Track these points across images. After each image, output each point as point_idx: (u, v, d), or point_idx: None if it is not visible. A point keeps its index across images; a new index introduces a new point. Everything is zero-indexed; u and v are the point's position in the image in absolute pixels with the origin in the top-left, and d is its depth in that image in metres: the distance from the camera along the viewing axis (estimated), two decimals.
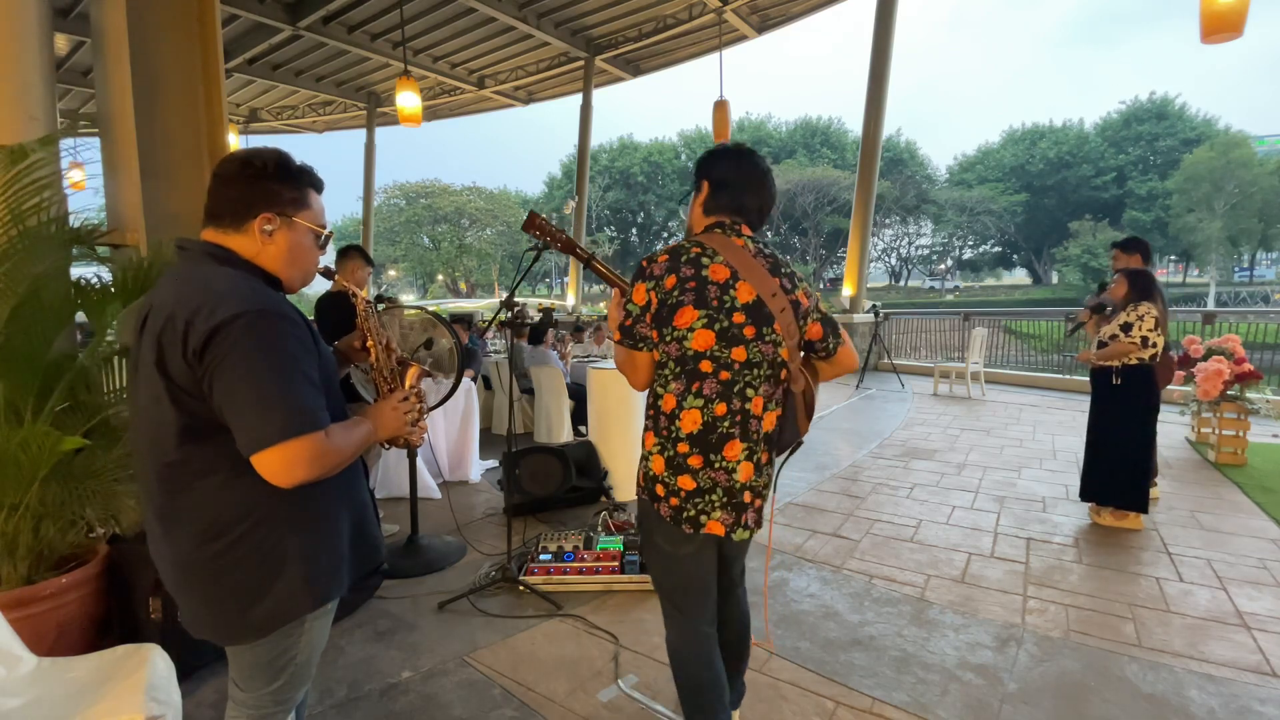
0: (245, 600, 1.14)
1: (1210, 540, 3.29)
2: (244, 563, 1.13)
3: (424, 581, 2.98)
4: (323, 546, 1.21)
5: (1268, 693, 2.06)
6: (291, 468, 1.06)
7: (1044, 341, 11.89)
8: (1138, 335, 3.37)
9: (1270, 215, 33.23)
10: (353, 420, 1.25)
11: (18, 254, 2.07)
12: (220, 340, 1.04)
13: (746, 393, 1.44)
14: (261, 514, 1.13)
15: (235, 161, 1.19)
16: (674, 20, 10.03)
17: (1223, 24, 4.17)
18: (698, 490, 1.45)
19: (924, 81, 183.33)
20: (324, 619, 1.28)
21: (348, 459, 1.17)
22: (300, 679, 1.28)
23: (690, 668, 1.58)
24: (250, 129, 14.55)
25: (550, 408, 5.49)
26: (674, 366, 1.45)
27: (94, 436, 2.19)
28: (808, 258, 40.13)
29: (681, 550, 1.52)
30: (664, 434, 1.47)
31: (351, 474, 1.29)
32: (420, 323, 3.25)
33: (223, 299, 1.07)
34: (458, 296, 43.86)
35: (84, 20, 8.24)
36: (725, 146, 1.58)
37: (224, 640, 1.19)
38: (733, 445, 1.44)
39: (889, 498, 4.07)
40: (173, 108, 3.15)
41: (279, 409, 1.05)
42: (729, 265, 1.42)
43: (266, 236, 1.18)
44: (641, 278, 1.45)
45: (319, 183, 1.27)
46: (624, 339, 1.47)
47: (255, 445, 1.05)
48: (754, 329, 1.42)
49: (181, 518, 1.13)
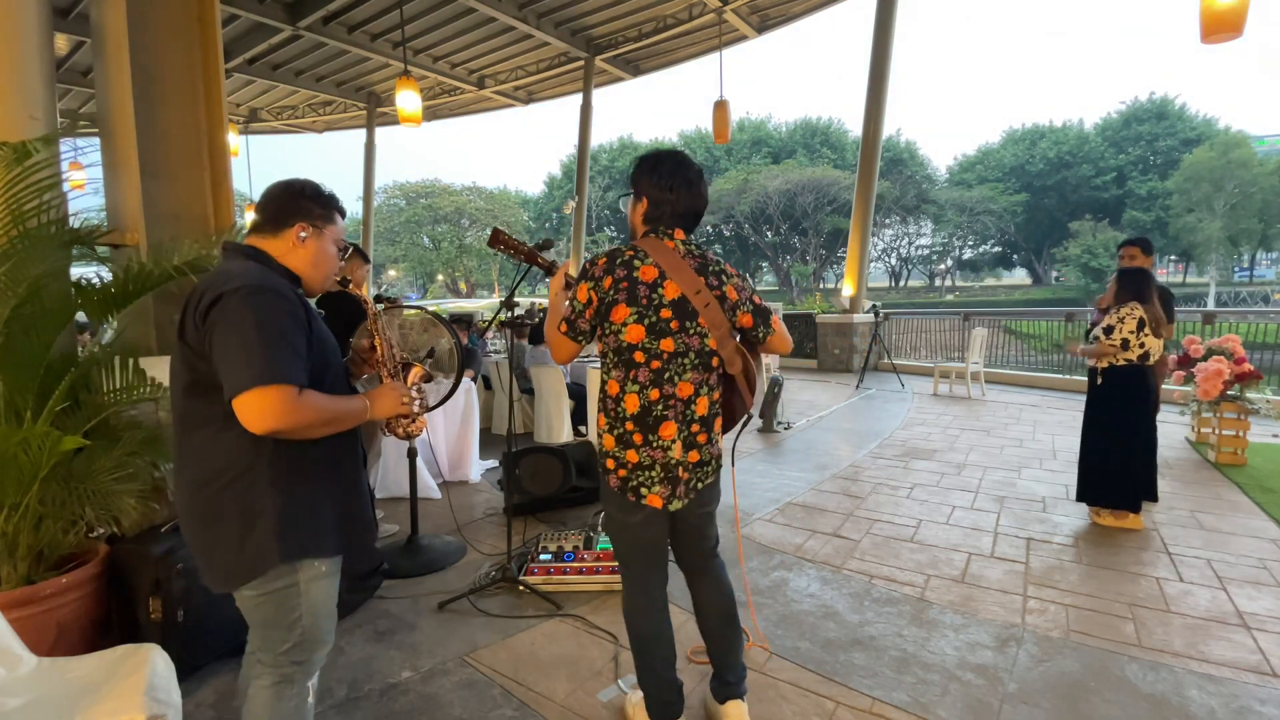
0: (226, 548, 1.30)
1: (1210, 540, 3.29)
2: (227, 512, 1.29)
3: (424, 581, 2.98)
4: (298, 507, 1.33)
5: (1268, 693, 2.06)
6: (262, 413, 1.20)
7: (1044, 341, 11.87)
8: (1117, 338, 3.38)
9: (1270, 215, 33.21)
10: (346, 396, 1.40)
11: (18, 254, 2.07)
12: (221, 305, 1.24)
13: (674, 379, 1.64)
14: (243, 467, 1.29)
15: (281, 185, 1.47)
16: (674, 20, 10.02)
17: (1223, 24, 4.17)
18: (639, 465, 1.66)
19: (924, 81, 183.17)
20: (321, 581, 1.39)
21: (325, 421, 1.30)
22: (312, 641, 1.41)
23: (638, 624, 1.79)
24: (250, 129, 14.54)
25: (550, 408, 5.49)
26: (613, 357, 1.67)
27: (94, 436, 2.20)
28: (808, 258, 40.11)
29: (630, 519, 1.72)
30: (612, 415, 1.68)
31: (338, 450, 1.42)
32: (420, 322, 3.25)
33: (233, 277, 1.28)
34: (458, 296, 43.81)
35: (84, 20, 8.23)
36: (662, 160, 1.71)
37: (213, 585, 1.34)
38: (667, 426, 1.65)
39: (889, 498, 4.07)
40: (173, 108, 3.15)
41: (256, 360, 1.20)
42: (658, 266, 1.62)
43: (300, 241, 1.43)
44: (584, 278, 1.65)
45: (343, 209, 1.54)
46: (568, 330, 1.68)
47: (234, 389, 1.20)
48: (678, 323, 1.62)
49: (184, 466, 1.34)
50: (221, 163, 3.34)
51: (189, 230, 3.04)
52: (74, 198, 2.66)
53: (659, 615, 1.81)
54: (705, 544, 1.87)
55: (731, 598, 1.88)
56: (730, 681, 1.87)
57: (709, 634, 1.90)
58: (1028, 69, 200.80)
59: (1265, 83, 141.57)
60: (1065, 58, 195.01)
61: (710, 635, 1.89)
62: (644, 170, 1.71)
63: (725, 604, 1.87)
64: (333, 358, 1.44)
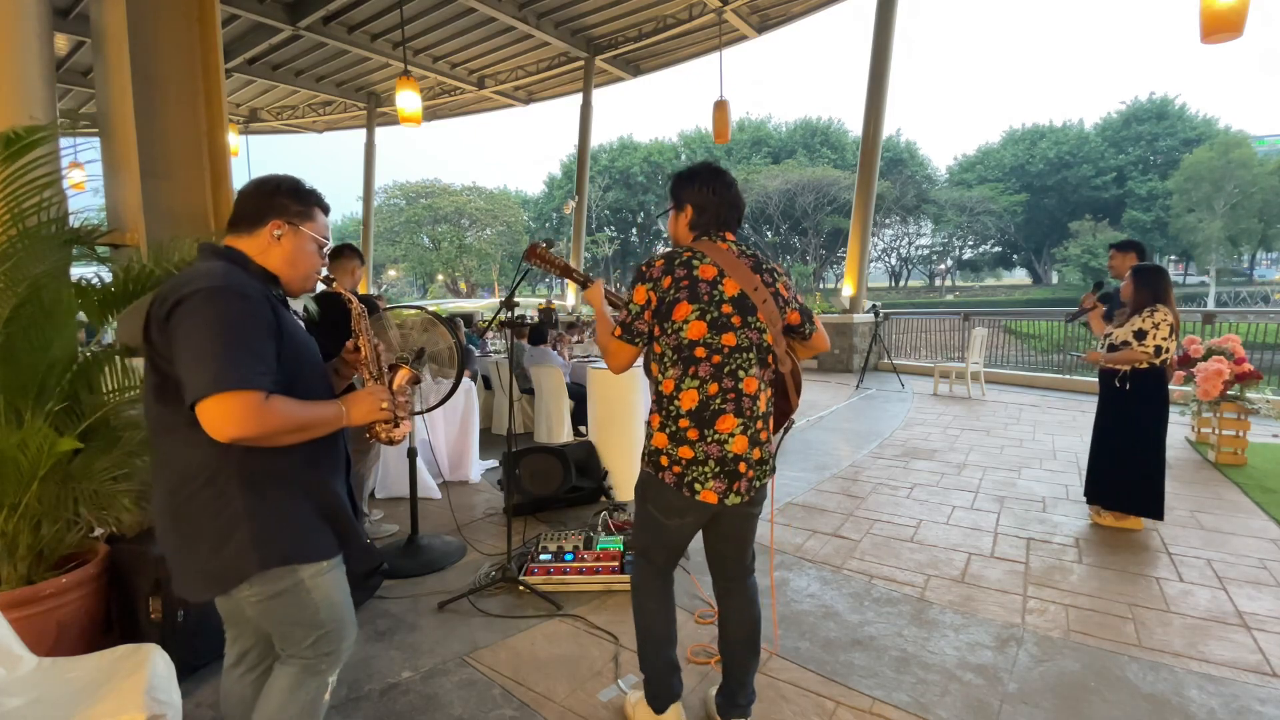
0: (202, 554, 1.27)
1: (1210, 540, 3.29)
2: (202, 518, 1.27)
3: (424, 581, 2.98)
4: (274, 513, 1.30)
5: (1268, 693, 2.06)
6: (224, 420, 1.16)
7: (1044, 341, 11.89)
8: (1151, 344, 3.22)
9: (1270, 215, 33.19)
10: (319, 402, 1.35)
11: (18, 254, 2.06)
12: (183, 307, 1.20)
13: (738, 374, 1.66)
14: (212, 471, 1.26)
15: (256, 181, 1.42)
16: (674, 20, 10.03)
17: (1223, 24, 4.17)
18: (694, 460, 1.66)
19: (924, 81, 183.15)
20: (326, 576, 1.37)
21: (294, 429, 1.25)
22: (336, 633, 1.40)
23: (646, 602, 1.84)
24: (250, 129, 14.55)
25: (550, 408, 5.49)
26: (671, 355, 1.66)
27: (93, 437, 2.19)
28: (808, 258, 40.11)
29: (671, 520, 1.73)
30: (666, 413, 1.68)
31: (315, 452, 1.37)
32: (420, 322, 3.24)
33: (196, 278, 1.24)
34: (458, 296, 43.82)
35: (84, 20, 8.23)
36: (697, 170, 1.77)
37: (187, 593, 1.31)
38: (725, 419, 1.65)
39: (889, 498, 4.07)
40: (173, 108, 3.15)
41: (214, 365, 1.16)
42: (716, 265, 1.65)
43: (275, 240, 1.38)
44: (641, 280, 1.67)
45: (325, 205, 1.48)
46: (624, 334, 1.69)
47: (194, 395, 1.17)
48: (740, 318, 1.65)
49: (159, 470, 1.32)
50: (221, 163, 3.34)
51: (189, 230, 3.04)
52: (74, 197, 2.66)
53: (667, 598, 1.86)
54: (746, 555, 1.87)
55: (758, 621, 1.87)
56: (740, 703, 1.87)
57: (729, 652, 1.88)
58: (1028, 69, 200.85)
59: (1265, 83, 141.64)
60: (1065, 58, 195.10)
61: (730, 653, 1.88)
62: (682, 181, 1.78)
63: (752, 625, 1.85)
64: (307, 361, 1.39)
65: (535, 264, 2.02)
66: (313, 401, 1.32)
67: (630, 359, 1.73)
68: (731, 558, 1.85)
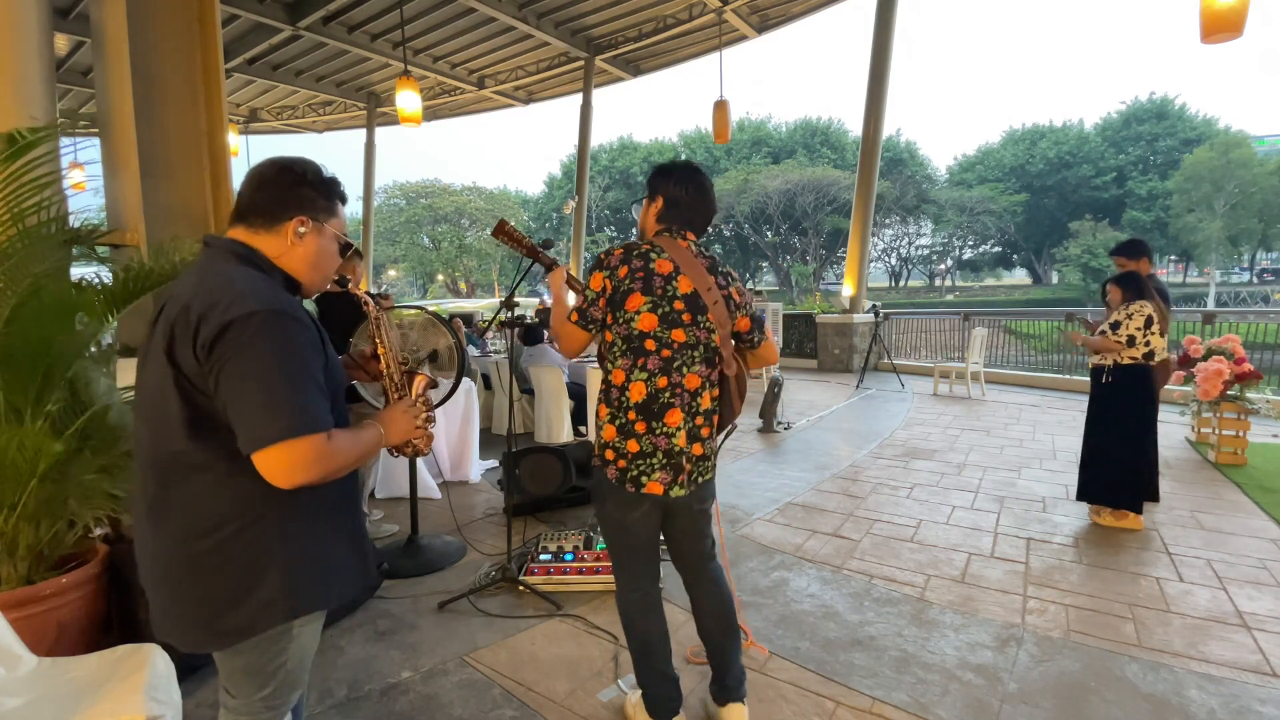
0: (219, 605, 1.11)
1: (1210, 540, 3.29)
2: (227, 566, 1.11)
3: (424, 581, 2.98)
4: (308, 558, 1.17)
5: (1268, 693, 2.06)
6: (292, 468, 1.05)
7: (1044, 341, 11.88)
8: (1124, 334, 3.39)
9: (1270, 215, 33.20)
10: (360, 426, 1.24)
11: (18, 254, 2.07)
12: (231, 336, 1.03)
13: (682, 369, 1.69)
14: (252, 517, 1.11)
15: (275, 166, 1.20)
16: (674, 20, 10.03)
17: (1223, 24, 4.17)
18: (641, 453, 1.68)
19: (924, 81, 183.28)
20: (313, 625, 1.25)
21: (351, 463, 1.16)
22: (292, 684, 1.25)
23: (634, 620, 1.84)
24: (250, 129, 14.55)
25: (550, 408, 5.49)
26: (621, 345, 1.69)
27: (92, 437, 2.19)
28: (808, 258, 40.10)
29: (629, 517, 1.74)
30: (615, 404, 1.71)
31: (348, 491, 1.28)
32: (420, 322, 3.24)
33: (240, 297, 1.06)
34: (458, 296, 43.81)
35: (84, 20, 8.23)
36: (676, 166, 1.81)
37: (188, 645, 1.15)
38: (673, 413, 1.69)
39: (889, 498, 4.07)
40: (173, 108, 3.15)
41: (284, 408, 1.04)
42: (673, 261, 1.69)
43: (298, 239, 1.20)
44: (599, 268, 1.69)
45: (345, 195, 1.31)
46: (579, 320, 1.72)
47: (257, 443, 1.03)
48: (690, 315, 1.69)
49: (173, 512, 1.11)
50: (221, 163, 3.34)
51: (189, 230, 3.04)
52: (74, 197, 2.66)
53: (654, 611, 1.84)
54: (703, 545, 1.89)
55: (730, 602, 1.90)
56: (729, 685, 1.88)
57: (708, 637, 1.91)
58: (1028, 69, 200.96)
59: (1265, 83, 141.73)
60: (1065, 58, 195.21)
61: (709, 639, 1.90)
62: (660, 173, 1.81)
63: (724, 608, 1.89)
64: (339, 379, 1.26)
65: (503, 240, 2.02)
66: (357, 429, 1.21)
67: (582, 344, 1.76)
68: (689, 550, 1.88)
